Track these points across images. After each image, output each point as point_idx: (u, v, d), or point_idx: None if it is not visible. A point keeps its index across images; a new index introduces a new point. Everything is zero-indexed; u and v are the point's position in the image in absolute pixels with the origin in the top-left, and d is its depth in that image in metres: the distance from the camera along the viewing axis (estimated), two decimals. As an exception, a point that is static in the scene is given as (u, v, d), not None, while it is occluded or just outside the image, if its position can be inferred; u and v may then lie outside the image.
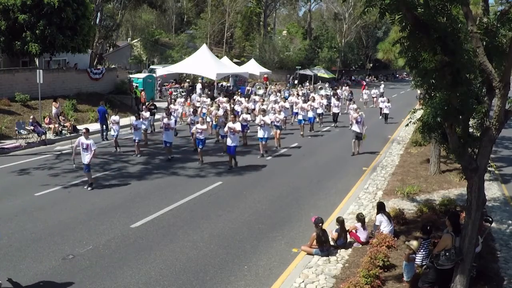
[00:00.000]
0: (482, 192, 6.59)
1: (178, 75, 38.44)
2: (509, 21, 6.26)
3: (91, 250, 8.88)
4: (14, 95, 22.51)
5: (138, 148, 17.01)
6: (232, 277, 8.02)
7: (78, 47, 25.73)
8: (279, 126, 19.00)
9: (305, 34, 60.81)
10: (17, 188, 12.80)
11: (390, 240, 8.75)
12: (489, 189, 12.64)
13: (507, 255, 8.72)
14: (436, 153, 14.46)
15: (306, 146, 19.45)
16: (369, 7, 6.07)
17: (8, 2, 22.49)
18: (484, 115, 6.52)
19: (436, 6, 5.91)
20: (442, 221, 9.36)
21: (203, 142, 15.64)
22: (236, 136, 15.12)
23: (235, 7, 50.97)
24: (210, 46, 44.94)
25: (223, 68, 33.97)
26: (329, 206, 11.80)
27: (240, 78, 38.77)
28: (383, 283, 7.45)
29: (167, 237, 9.60)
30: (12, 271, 7.95)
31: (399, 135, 22.58)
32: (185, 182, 13.67)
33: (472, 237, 6.58)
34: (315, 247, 8.80)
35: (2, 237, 9.03)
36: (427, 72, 6.15)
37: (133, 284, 7.66)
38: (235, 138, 15.04)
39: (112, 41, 45.64)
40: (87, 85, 27.58)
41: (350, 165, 16.45)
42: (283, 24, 77.90)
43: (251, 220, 10.73)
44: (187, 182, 13.67)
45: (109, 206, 11.41)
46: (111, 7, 38.64)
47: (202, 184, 13.40)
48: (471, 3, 8.79)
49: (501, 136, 16.76)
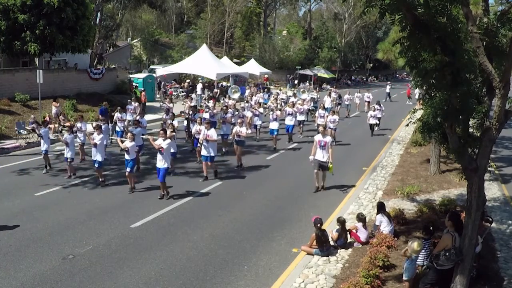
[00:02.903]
0: (482, 192, 6.59)
1: (178, 75, 38.45)
2: (509, 21, 6.26)
3: (91, 250, 8.88)
4: (14, 95, 22.52)
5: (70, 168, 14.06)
6: (232, 277, 8.02)
7: (78, 47, 25.73)
8: (241, 141, 15.17)
9: (305, 34, 60.82)
10: (17, 188, 12.80)
11: (390, 240, 8.75)
12: (489, 189, 12.64)
13: (507, 255, 8.72)
14: (436, 153, 14.47)
15: (306, 146, 19.38)
16: (369, 7, 6.07)
17: (8, 2, 22.50)
18: (484, 115, 6.51)
19: (436, 6, 5.90)
20: (442, 221, 9.35)
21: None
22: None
23: (235, 7, 50.99)
24: (210, 46, 44.93)
25: (223, 68, 33.97)
26: (329, 206, 11.79)
27: (240, 78, 38.77)
28: (383, 283, 7.45)
29: (167, 237, 9.60)
30: (12, 271, 7.95)
31: (399, 135, 22.59)
32: (185, 182, 13.66)
33: (472, 237, 6.58)
34: (315, 247, 8.80)
35: (2, 237, 9.03)
36: (427, 72, 6.15)
37: (133, 284, 7.66)
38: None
39: (112, 41, 45.66)
40: (87, 85, 27.58)
41: (350, 165, 16.45)
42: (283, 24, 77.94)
43: (251, 220, 10.73)
44: (187, 182, 13.66)
45: (109, 206, 11.41)
46: (111, 7, 38.67)
47: (202, 184, 13.40)
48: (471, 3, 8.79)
49: (501, 136, 16.77)
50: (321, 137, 12.76)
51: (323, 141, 12.68)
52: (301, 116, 21.12)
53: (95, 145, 12.87)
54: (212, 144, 13.46)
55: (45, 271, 7.99)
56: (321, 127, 13.39)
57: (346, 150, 18.48)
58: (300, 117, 20.96)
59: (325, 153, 12.66)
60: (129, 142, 12.47)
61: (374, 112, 22.84)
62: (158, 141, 11.87)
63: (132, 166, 12.55)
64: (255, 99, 25.62)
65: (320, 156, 12.71)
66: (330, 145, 12.72)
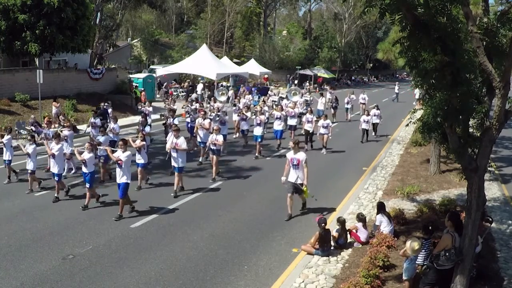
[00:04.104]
0: (482, 192, 6.59)
1: (178, 75, 38.45)
2: (509, 21, 6.26)
3: (91, 250, 8.88)
4: (14, 95, 22.52)
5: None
6: (232, 277, 8.02)
7: (78, 47, 25.75)
8: (216, 151, 13.65)
9: (305, 34, 60.83)
10: (17, 188, 12.80)
11: (390, 240, 8.75)
12: (489, 189, 12.64)
13: (507, 255, 8.72)
14: (436, 153, 14.46)
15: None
16: (369, 7, 6.07)
17: (8, 2, 22.51)
18: (484, 115, 6.52)
19: (436, 6, 5.91)
20: (442, 221, 9.34)
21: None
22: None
23: (235, 7, 51.00)
24: (210, 46, 44.93)
25: (223, 68, 33.98)
26: (329, 206, 11.79)
27: (240, 78, 38.77)
28: (383, 283, 7.45)
29: (167, 237, 9.61)
30: (12, 271, 7.95)
31: (399, 135, 22.57)
32: (185, 182, 13.64)
33: (472, 237, 6.58)
34: (317, 248, 8.80)
35: (2, 237, 9.04)
36: (427, 72, 6.15)
37: (133, 284, 7.66)
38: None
39: (112, 41, 45.68)
40: (87, 85, 27.58)
41: (350, 165, 16.45)
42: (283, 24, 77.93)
43: (251, 220, 10.73)
44: (187, 182, 13.64)
45: (109, 206, 11.40)
46: (111, 7, 38.65)
47: (202, 184, 13.40)
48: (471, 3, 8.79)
49: (501, 136, 16.76)
50: (292, 154, 10.63)
51: (296, 159, 10.52)
52: (292, 120, 19.50)
53: (52, 155, 11.52)
54: (181, 153, 12.06)
55: (45, 271, 7.99)
56: (291, 143, 10.99)
57: (346, 150, 18.47)
58: (291, 122, 19.49)
59: (299, 173, 10.52)
60: (87, 153, 10.98)
61: (367, 116, 20.50)
62: (117, 153, 10.63)
63: (89, 181, 10.97)
64: (244, 101, 24.35)
65: (293, 177, 10.56)
66: (304, 164, 10.50)
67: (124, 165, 10.37)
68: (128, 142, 11.41)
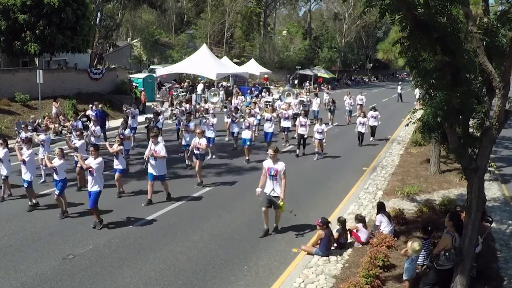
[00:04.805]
0: (482, 192, 6.60)
1: (178, 75, 38.44)
2: (509, 21, 6.27)
3: (91, 250, 8.88)
4: (14, 95, 22.50)
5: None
6: (232, 277, 8.02)
7: (78, 47, 25.74)
8: (200, 155, 12.99)
9: (305, 34, 60.83)
10: (17, 188, 12.77)
11: (390, 240, 8.75)
12: (489, 189, 12.65)
13: (507, 255, 8.73)
14: (436, 153, 14.47)
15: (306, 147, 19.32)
16: (369, 7, 6.08)
17: (8, 2, 22.49)
18: (484, 115, 6.52)
19: (436, 6, 5.91)
20: (442, 221, 9.35)
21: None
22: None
23: (235, 7, 51.05)
24: (210, 46, 44.95)
25: (223, 68, 33.98)
26: (329, 206, 11.80)
27: (240, 78, 38.75)
28: (383, 283, 7.45)
29: (167, 237, 9.60)
30: (12, 271, 7.95)
31: (399, 135, 22.58)
32: (185, 182, 13.66)
33: (472, 237, 6.58)
34: (317, 247, 8.80)
35: (2, 237, 9.04)
36: (427, 72, 6.16)
37: (133, 284, 7.66)
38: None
39: (112, 41, 45.69)
40: (87, 85, 27.57)
41: (350, 165, 16.45)
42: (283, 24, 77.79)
43: (251, 220, 10.73)
44: (187, 182, 13.65)
45: (109, 206, 11.40)
46: (111, 7, 38.65)
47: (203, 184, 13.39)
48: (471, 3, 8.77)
49: (501, 136, 16.72)
50: (271, 164, 9.49)
51: (274, 169, 9.38)
52: (286, 122, 18.84)
53: (23, 161, 10.92)
54: (160, 161, 11.25)
55: (45, 271, 7.99)
56: (271, 150, 9.68)
57: (346, 150, 18.46)
58: (284, 123, 18.80)
59: (276, 184, 9.39)
60: (58, 159, 10.41)
61: (364, 118, 19.36)
62: (89, 160, 10.06)
63: (61, 189, 10.35)
64: (236, 102, 23.72)
65: (269, 189, 9.45)
66: (282, 175, 9.32)
67: (96, 173, 9.75)
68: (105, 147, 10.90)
